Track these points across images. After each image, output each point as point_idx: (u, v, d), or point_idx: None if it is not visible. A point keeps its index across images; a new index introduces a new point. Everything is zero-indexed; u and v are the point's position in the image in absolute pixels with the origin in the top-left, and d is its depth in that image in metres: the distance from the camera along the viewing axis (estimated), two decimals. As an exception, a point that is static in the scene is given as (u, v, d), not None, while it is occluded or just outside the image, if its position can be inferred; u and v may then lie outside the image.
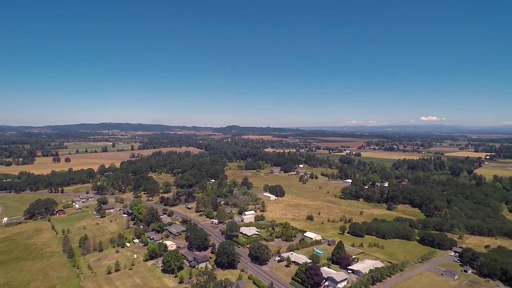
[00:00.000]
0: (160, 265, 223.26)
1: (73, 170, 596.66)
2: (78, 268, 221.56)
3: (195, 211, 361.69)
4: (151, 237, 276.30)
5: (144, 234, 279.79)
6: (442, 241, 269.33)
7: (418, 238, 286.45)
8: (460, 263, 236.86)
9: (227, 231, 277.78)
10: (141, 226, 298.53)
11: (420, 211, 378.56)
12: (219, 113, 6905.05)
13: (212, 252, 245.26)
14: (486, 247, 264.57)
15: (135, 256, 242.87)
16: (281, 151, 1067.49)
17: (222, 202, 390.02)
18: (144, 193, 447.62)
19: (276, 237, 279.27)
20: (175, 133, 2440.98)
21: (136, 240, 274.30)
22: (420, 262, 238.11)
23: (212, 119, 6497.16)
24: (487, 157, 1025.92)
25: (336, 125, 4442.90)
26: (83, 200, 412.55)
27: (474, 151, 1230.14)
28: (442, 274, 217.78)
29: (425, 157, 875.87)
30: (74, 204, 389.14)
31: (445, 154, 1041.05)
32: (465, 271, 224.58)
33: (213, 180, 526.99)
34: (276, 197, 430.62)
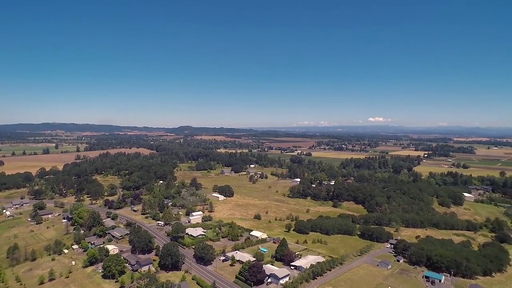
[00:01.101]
0: (100, 271, 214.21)
1: (6, 174, 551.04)
2: (3, 282, 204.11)
3: (141, 214, 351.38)
4: (92, 242, 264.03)
5: (84, 239, 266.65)
6: (380, 234, 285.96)
7: (359, 233, 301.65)
8: (394, 254, 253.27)
9: (173, 232, 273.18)
10: (82, 231, 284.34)
11: (363, 207, 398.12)
12: (172, 114, 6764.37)
13: (156, 255, 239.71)
14: (416, 237, 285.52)
15: (73, 263, 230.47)
16: (233, 151, 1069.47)
17: (169, 204, 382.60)
18: (87, 197, 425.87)
19: (223, 237, 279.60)
20: (125, 134, 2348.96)
21: (75, 246, 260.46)
22: (359, 255, 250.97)
23: (165, 119, 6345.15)
24: (425, 155, 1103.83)
25: (289, 126, 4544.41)
26: (16, 206, 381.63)
27: (415, 150, 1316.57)
28: (377, 265, 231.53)
29: (371, 156, 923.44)
30: (4, 211, 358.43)
31: (389, 153, 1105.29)
32: (398, 260, 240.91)
33: (162, 182, 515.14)
34: (225, 197, 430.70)
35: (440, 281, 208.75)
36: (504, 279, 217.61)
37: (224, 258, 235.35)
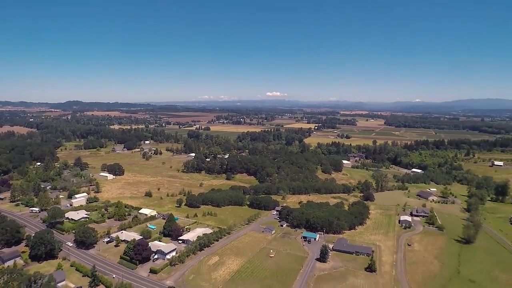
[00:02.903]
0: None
1: None
2: None
3: (10, 201, 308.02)
4: None
5: None
6: (267, 203, 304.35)
7: (248, 203, 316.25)
8: (279, 220, 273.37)
9: (49, 218, 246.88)
10: None
11: (255, 179, 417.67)
12: (57, 86, 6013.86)
13: (27, 245, 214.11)
14: (299, 203, 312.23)
15: None
16: (128, 127, 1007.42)
17: (48, 187, 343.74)
18: None
19: (108, 218, 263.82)
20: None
21: None
22: (246, 224, 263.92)
23: (48, 93, 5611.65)
24: (315, 127, 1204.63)
25: (189, 100, 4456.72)
26: None
27: (307, 123, 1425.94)
28: (262, 232, 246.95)
29: (267, 129, 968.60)
30: None
31: (284, 126, 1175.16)
32: (281, 225, 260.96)
33: (40, 163, 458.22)
34: (114, 176, 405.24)
35: (315, 239, 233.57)
36: (364, 230, 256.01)
37: (108, 239, 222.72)
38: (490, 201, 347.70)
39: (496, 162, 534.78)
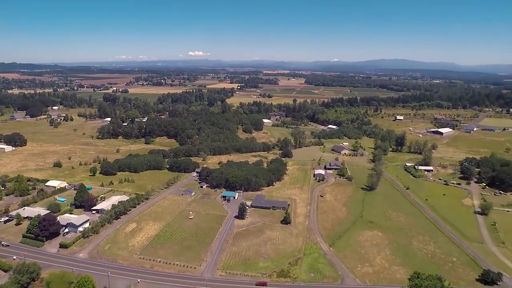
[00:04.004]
0: None
1: None
2: None
3: None
4: None
5: None
6: (187, 165, 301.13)
7: (168, 166, 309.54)
8: (199, 181, 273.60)
9: None
10: None
11: (176, 141, 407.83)
12: None
13: None
14: (219, 163, 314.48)
15: None
16: (32, 92, 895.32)
17: None
18: None
19: (7, 195, 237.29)
20: None
21: None
22: (165, 188, 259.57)
23: None
24: (238, 87, 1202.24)
25: (104, 61, 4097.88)
26: None
27: (230, 83, 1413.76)
28: (182, 194, 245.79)
29: (189, 90, 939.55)
30: None
31: (206, 87, 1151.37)
32: (201, 186, 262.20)
33: None
34: (14, 148, 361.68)
35: (234, 198, 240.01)
36: (281, 185, 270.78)
37: (7, 218, 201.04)
38: (391, 151, 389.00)
39: (398, 117, 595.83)
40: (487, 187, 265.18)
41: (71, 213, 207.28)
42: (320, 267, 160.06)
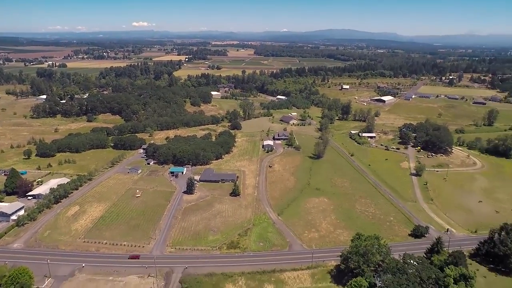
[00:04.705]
0: None
1: None
2: None
3: None
4: None
5: None
6: (132, 142, 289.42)
7: (112, 144, 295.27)
8: (146, 158, 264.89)
9: None
10: None
11: (120, 118, 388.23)
12: None
13: None
14: (166, 139, 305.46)
15: None
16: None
17: None
18: None
19: None
20: None
21: None
22: (110, 167, 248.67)
23: None
24: (186, 59, 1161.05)
25: (35, 31, 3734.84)
26: None
27: (177, 55, 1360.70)
28: (128, 172, 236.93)
29: (133, 64, 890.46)
30: None
31: (153, 59, 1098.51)
32: (148, 163, 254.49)
33: None
34: None
35: (182, 173, 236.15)
36: (230, 158, 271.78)
37: None
38: (338, 120, 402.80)
39: (344, 86, 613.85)
40: (421, 150, 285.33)
41: (1, 201, 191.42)
42: (269, 236, 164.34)
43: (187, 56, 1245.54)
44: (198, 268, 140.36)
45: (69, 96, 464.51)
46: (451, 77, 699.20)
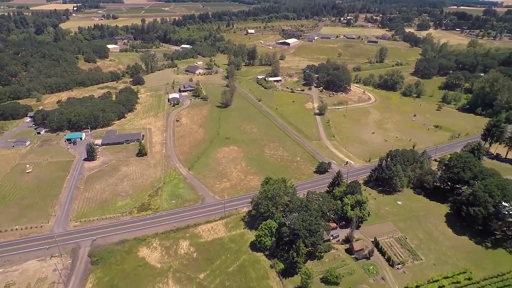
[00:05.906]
0: None
1: None
2: None
3: None
4: None
5: None
6: (15, 111, 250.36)
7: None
8: (35, 127, 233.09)
9: None
10: None
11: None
12: None
13: None
14: (57, 102, 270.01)
15: None
16: None
17: None
18: None
19: None
20: None
21: None
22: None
23: None
24: (74, 8, 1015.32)
25: None
26: None
27: (63, 3, 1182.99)
28: (13, 146, 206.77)
29: (3, 14, 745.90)
30: None
31: (30, 8, 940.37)
32: (39, 133, 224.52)
33: None
34: None
35: (81, 139, 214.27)
36: (134, 116, 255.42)
37: None
38: (244, 65, 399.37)
39: (249, 30, 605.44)
40: (324, 90, 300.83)
41: None
42: (181, 192, 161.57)
43: (75, 4, 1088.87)
44: (108, 238, 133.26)
45: None
46: (348, 17, 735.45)
